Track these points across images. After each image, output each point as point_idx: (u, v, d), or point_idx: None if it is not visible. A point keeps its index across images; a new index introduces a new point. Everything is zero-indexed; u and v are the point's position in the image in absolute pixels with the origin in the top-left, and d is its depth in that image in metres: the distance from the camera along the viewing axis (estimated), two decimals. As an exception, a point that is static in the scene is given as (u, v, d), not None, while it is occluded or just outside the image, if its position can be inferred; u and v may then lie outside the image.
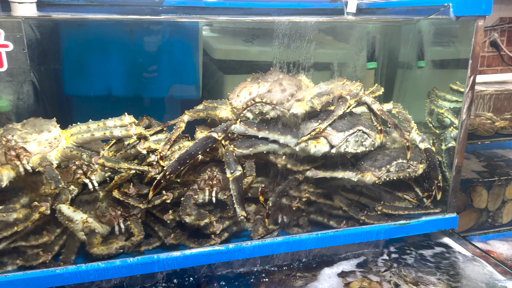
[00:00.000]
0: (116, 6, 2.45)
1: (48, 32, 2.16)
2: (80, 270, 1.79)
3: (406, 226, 2.21)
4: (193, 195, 2.03)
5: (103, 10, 2.44)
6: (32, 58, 1.60)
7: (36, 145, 1.81)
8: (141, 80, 2.62)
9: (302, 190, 2.15)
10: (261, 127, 2.00)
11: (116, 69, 2.55)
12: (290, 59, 2.17)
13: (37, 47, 1.82)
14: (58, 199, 1.80)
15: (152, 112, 2.63)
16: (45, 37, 2.08)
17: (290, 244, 2.07)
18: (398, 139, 2.26)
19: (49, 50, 2.17)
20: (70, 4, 2.37)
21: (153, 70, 2.65)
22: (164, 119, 2.45)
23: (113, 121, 1.93)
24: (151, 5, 2.45)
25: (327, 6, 2.79)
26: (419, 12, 2.36)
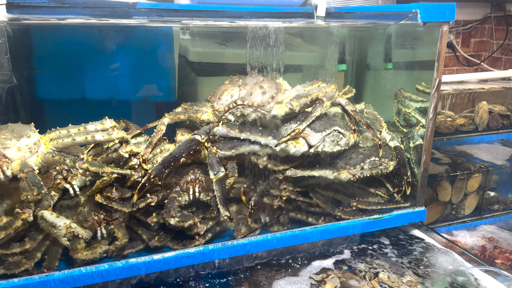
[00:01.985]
0: (89, 8, 2.43)
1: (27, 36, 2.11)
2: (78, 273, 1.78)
3: (379, 220, 2.34)
4: (177, 197, 2.05)
5: (76, 12, 2.41)
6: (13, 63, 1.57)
7: (15, 151, 1.78)
8: (117, 83, 2.61)
9: (282, 189, 2.22)
10: (243, 129, 2.06)
11: (91, 72, 2.52)
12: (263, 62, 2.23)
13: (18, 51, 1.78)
14: (40, 205, 1.77)
15: (128, 115, 2.63)
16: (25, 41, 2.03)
17: (271, 242, 2.13)
18: (370, 138, 2.38)
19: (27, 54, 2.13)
20: (41, 6, 2.33)
21: (129, 73, 2.65)
22: (140, 121, 2.45)
23: (94, 125, 1.92)
24: (125, 7, 2.45)
25: (298, 10, 2.88)
26: (387, 17, 2.48)
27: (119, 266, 1.87)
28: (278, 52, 2.21)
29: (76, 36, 2.46)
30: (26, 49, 2.16)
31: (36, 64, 2.28)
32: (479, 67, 4.88)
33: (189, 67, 2.90)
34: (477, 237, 2.87)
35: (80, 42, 2.47)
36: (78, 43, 2.46)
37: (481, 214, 3.06)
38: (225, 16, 2.76)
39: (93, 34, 2.50)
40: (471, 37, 4.84)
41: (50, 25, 2.33)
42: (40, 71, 2.21)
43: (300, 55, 2.89)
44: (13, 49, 1.62)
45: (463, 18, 4.72)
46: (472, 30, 4.80)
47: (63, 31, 2.43)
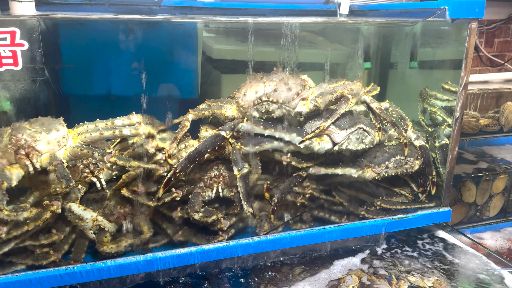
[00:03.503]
0: (114, 5, 2.46)
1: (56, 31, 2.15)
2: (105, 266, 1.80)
3: (403, 220, 2.31)
4: (201, 192, 2.06)
5: (102, 9, 2.45)
6: (46, 56, 1.60)
7: (45, 144, 1.81)
8: (141, 79, 2.63)
9: (305, 187, 2.21)
10: (267, 125, 2.05)
11: (116, 68, 2.55)
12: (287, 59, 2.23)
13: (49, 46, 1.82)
14: (68, 198, 1.80)
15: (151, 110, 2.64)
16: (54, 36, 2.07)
17: (294, 239, 2.13)
18: (395, 136, 2.35)
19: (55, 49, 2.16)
20: (68, 3, 2.37)
21: (153, 69, 2.66)
22: (163, 118, 2.47)
23: (121, 120, 1.94)
24: (149, 5, 2.47)
25: (321, 8, 2.87)
26: (414, 15, 2.45)
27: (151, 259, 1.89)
28: (302, 49, 2.20)
29: (101, 33, 2.49)
30: (54, 44, 2.20)
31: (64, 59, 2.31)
32: (502, 68, 4.78)
33: (211, 64, 2.91)
34: (502, 239, 2.81)
35: (106, 39, 2.49)
36: (103, 39, 2.49)
37: (507, 216, 2.99)
38: (248, 13, 2.77)
39: (118, 30, 2.53)
40: (495, 37, 4.74)
41: (77, 21, 2.36)
42: (71, 65, 2.25)
43: (323, 53, 2.88)
44: (44, 44, 1.66)
45: (487, 18, 4.63)
46: (496, 30, 4.70)
47: (90, 27, 2.46)
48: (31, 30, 1.58)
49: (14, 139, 1.74)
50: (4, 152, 1.77)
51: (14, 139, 1.74)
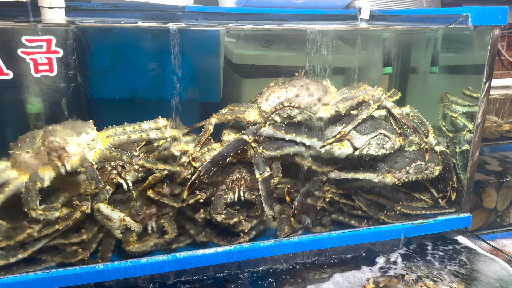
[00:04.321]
0: (140, 11, 2.54)
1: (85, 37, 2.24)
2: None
3: (423, 225, 2.32)
4: (223, 195, 2.11)
5: (128, 14, 2.53)
6: (79, 63, 1.68)
7: (75, 146, 1.88)
8: (165, 83, 2.70)
9: (325, 191, 2.24)
10: (289, 130, 2.09)
11: (141, 72, 2.63)
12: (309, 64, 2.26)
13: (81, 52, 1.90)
14: (97, 199, 1.87)
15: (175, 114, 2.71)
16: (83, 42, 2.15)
17: (314, 242, 2.16)
18: (416, 142, 2.36)
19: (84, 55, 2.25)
20: (96, 9, 2.45)
21: (176, 74, 2.73)
22: (186, 121, 2.53)
23: (148, 124, 2.01)
24: (174, 11, 2.54)
25: (341, 13, 2.89)
26: (435, 21, 2.46)
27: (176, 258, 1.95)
28: (324, 54, 2.23)
29: (127, 38, 2.57)
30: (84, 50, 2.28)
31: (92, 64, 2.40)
32: (525, 72, 4.72)
33: (232, 69, 2.97)
34: (524, 247, 2.79)
35: (131, 44, 2.57)
36: (129, 44, 2.57)
37: (528, 223, 2.97)
38: (269, 19, 2.81)
39: (143, 36, 2.61)
40: (516, 40, 4.68)
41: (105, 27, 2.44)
42: (103, 71, 2.33)
43: (343, 57, 2.90)
44: (76, 50, 1.73)
45: (509, 21, 4.57)
46: (518, 33, 4.65)
47: (116, 33, 2.54)
48: (65, 38, 1.66)
49: (46, 142, 1.82)
50: (37, 154, 1.85)
51: (46, 141, 1.82)
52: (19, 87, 1.70)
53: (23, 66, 1.65)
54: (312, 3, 2.78)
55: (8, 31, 1.60)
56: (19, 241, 1.84)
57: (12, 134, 1.94)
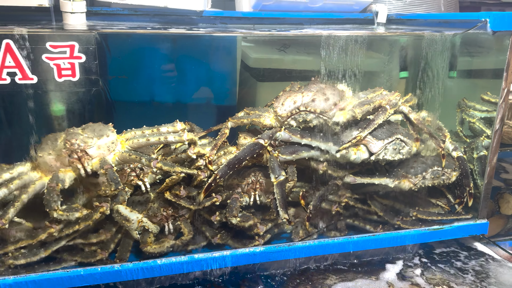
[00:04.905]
0: (158, 15, 2.58)
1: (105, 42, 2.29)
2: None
3: (439, 231, 2.30)
4: (239, 198, 2.13)
5: (147, 19, 2.57)
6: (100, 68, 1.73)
7: (96, 149, 1.93)
8: (182, 86, 2.74)
9: (341, 195, 2.24)
10: (304, 134, 2.11)
11: (159, 76, 2.67)
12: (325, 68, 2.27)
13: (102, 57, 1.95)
14: (116, 200, 1.91)
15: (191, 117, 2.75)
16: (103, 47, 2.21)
17: (329, 246, 2.17)
18: (433, 147, 2.35)
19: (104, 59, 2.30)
20: (116, 14, 2.51)
21: (193, 77, 2.77)
22: (202, 124, 2.57)
23: (166, 127, 2.04)
24: (192, 15, 2.58)
25: (358, 16, 2.90)
26: (453, 25, 2.44)
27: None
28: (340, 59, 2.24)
29: (146, 42, 2.62)
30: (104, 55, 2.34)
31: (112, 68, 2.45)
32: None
33: (248, 72, 2.99)
34: (543, 254, 2.74)
35: (150, 48, 2.62)
36: (148, 49, 2.62)
37: (547, 230, 2.92)
38: (285, 23, 2.83)
39: (161, 40, 2.65)
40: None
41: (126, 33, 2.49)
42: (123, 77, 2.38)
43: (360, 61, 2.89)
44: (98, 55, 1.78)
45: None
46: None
47: (135, 38, 2.59)
48: (88, 43, 1.70)
49: (68, 144, 1.87)
50: (59, 156, 1.90)
51: (68, 144, 1.87)
52: (42, 91, 1.75)
53: (47, 71, 1.70)
54: (328, 7, 2.79)
55: (33, 37, 1.65)
56: (41, 240, 1.89)
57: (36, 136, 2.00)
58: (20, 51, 1.66)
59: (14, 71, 1.67)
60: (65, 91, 1.78)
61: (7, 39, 1.63)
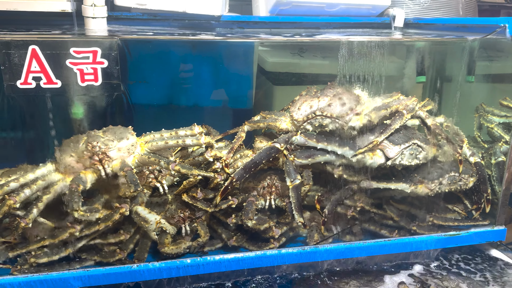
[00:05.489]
0: (178, 20, 2.63)
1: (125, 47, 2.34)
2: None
3: (456, 237, 2.29)
4: (255, 201, 2.16)
5: (166, 24, 2.62)
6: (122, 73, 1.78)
7: (116, 151, 1.97)
8: (199, 90, 2.79)
9: (356, 200, 2.25)
10: (320, 138, 2.12)
11: (177, 80, 2.72)
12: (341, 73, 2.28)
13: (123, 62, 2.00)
14: (135, 201, 1.95)
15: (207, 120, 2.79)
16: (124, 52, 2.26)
17: (344, 251, 2.17)
18: (450, 152, 2.33)
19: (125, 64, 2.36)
20: (136, 19, 2.56)
21: (210, 81, 2.81)
22: (219, 127, 2.60)
23: (184, 131, 2.08)
24: (210, 20, 2.62)
25: (375, 21, 2.89)
26: (471, 30, 2.43)
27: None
28: (357, 63, 2.25)
29: (165, 47, 2.66)
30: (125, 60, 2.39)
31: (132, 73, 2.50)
32: None
33: (264, 75, 3.02)
34: (562, 263, 2.69)
35: (168, 53, 2.67)
36: (166, 53, 2.66)
37: None
38: (302, 27, 2.85)
39: (180, 45, 2.69)
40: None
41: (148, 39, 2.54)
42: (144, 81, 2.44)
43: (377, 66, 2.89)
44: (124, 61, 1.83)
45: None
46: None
47: (155, 43, 2.63)
48: (110, 49, 1.75)
49: (89, 146, 1.92)
50: (80, 158, 1.96)
51: (89, 146, 1.92)
52: (66, 95, 1.81)
53: (70, 76, 1.75)
54: (345, 11, 2.80)
55: (58, 42, 1.71)
56: (62, 240, 1.94)
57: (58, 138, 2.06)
58: (45, 56, 1.71)
59: (39, 76, 1.73)
60: (87, 95, 1.83)
61: (33, 45, 1.69)
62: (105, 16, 2.32)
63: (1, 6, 2.12)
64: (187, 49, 2.64)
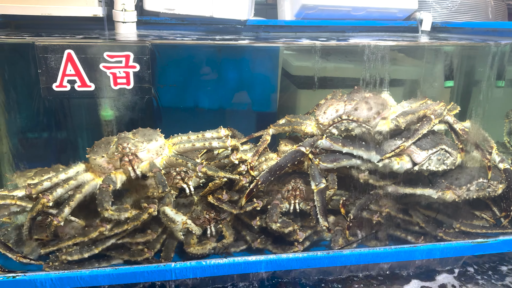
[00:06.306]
0: (204, 24, 2.67)
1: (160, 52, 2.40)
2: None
3: (483, 244, 2.24)
4: (279, 204, 2.17)
5: (193, 28, 2.67)
6: (152, 76, 1.82)
7: (145, 152, 2.02)
8: (225, 93, 2.82)
9: (382, 205, 2.23)
10: (346, 143, 2.12)
11: (203, 84, 2.76)
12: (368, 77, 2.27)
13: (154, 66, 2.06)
14: (163, 202, 1.99)
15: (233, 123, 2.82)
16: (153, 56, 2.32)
17: (369, 256, 2.15)
18: (478, 158, 2.29)
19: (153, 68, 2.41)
20: (164, 23, 2.62)
21: (236, 85, 2.85)
22: (243, 130, 2.62)
23: (210, 133, 2.11)
24: (236, 24, 2.65)
25: (401, 24, 2.87)
26: (501, 34, 2.39)
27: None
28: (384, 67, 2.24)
29: (193, 51, 2.71)
30: (156, 64, 2.45)
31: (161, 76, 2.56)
32: None
33: (289, 79, 3.03)
34: None
35: (196, 56, 2.71)
36: (194, 57, 2.71)
37: None
38: (328, 31, 2.85)
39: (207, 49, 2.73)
40: None
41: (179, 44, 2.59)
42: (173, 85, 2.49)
43: (403, 69, 2.87)
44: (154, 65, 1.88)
45: None
46: None
47: (183, 47, 2.68)
48: (142, 53, 1.80)
49: (120, 148, 1.97)
50: (111, 159, 2.01)
51: (120, 147, 1.97)
52: (98, 98, 1.87)
53: (103, 79, 1.81)
54: (371, 15, 2.79)
55: (92, 47, 1.76)
56: (92, 238, 2.00)
57: (90, 139, 2.12)
58: (79, 60, 1.77)
59: (74, 79, 1.79)
60: (119, 98, 1.89)
61: (69, 49, 1.75)
62: (134, 20, 2.38)
63: (36, 11, 2.21)
64: (213, 53, 2.68)
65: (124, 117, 2.09)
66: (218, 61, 2.70)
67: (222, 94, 2.79)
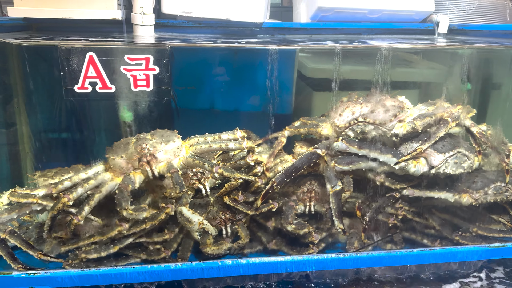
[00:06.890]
0: (221, 27, 2.70)
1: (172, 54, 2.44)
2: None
3: (501, 248, 2.21)
4: (294, 205, 2.18)
5: (210, 31, 2.70)
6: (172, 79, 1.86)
7: (163, 153, 2.06)
8: (241, 95, 2.84)
9: (398, 208, 2.22)
10: (362, 145, 2.12)
11: (219, 86, 2.79)
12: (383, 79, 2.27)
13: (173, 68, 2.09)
14: (180, 202, 2.02)
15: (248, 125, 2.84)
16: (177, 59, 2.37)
17: (385, 259, 2.15)
18: (496, 161, 2.27)
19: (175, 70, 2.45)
20: (182, 26, 2.65)
21: (251, 87, 2.86)
22: (259, 132, 2.64)
23: (226, 135, 2.14)
24: (252, 27, 2.67)
25: (418, 27, 2.86)
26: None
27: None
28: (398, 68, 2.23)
29: (210, 54, 2.74)
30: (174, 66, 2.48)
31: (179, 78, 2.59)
32: None
33: (304, 81, 3.04)
34: None
35: (213, 59, 2.74)
36: (211, 59, 2.74)
37: None
38: (343, 33, 2.85)
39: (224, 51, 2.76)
40: None
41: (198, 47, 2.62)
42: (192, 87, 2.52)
43: (418, 72, 2.86)
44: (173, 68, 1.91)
45: None
46: None
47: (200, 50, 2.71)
48: (161, 56, 1.83)
49: (139, 148, 2.01)
50: (130, 159, 2.05)
51: (138, 148, 2.01)
52: (119, 100, 1.90)
53: (124, 81, 1.85)
54: (387, 17, 2.78)
55: (113, 49, 1.80)
56: (110, 237, 2.04)
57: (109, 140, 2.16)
58: (101, 63, 1.81)
59: (95, 81, 1.84)
60: (139, 100, 1.92)
61: (91, 52, 1.79)
62: (153, 23, 2.42)
63: (57, 15, 2.27)
64: (230, 56, 2.71)
65: (142, 119, 2.13)
66: (234, 63, 2.73)
67: (238, 96, 2.81)
